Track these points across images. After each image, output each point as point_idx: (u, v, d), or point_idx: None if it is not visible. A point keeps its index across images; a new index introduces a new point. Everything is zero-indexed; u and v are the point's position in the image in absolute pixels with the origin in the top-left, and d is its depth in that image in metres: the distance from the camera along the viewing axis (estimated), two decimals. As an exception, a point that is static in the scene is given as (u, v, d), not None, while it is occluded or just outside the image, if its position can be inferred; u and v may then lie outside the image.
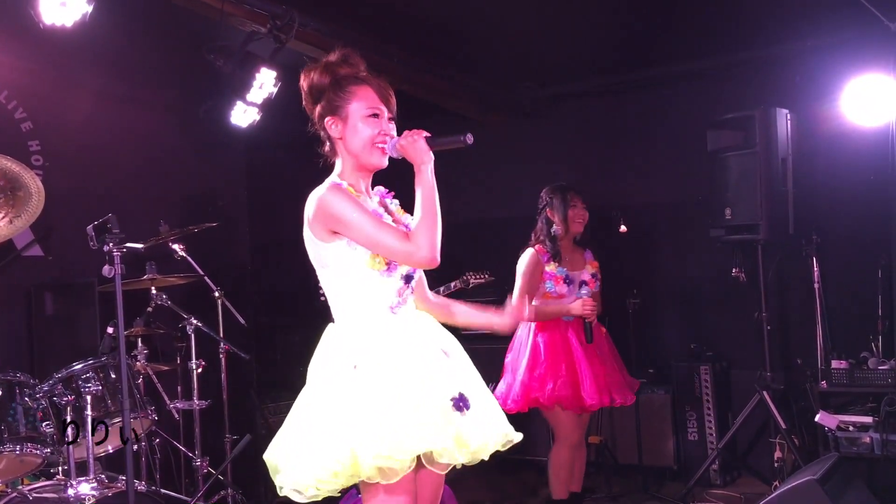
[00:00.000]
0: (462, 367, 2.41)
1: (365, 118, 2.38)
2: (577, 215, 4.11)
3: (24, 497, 3.35)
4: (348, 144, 2.40)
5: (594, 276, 4.14)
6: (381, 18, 4.80)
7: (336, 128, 2.41)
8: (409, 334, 2.35)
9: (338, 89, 2.41)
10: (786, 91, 5.02)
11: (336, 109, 2.40)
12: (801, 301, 4.90)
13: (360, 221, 2.28)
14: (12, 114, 5.26)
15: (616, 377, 4.06)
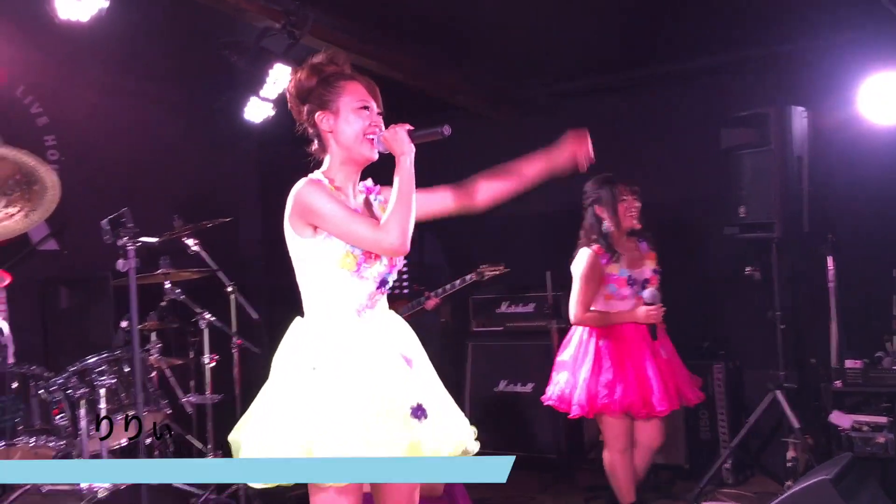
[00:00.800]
0: (423, 374, 2.44)
1: (356, 110, 2.42)
2: (629, 209, 3.93)
3: (37, 489, 3.38)
4: (339, 137, 2.43)
5: (655, 270, 3.98)
6: (394, 14, 4.80)
7: (327, 121, 2.43)
8: (372, 339, 2.37)
9: (327, 85, 2.45)
10: (801, 88, 4.98)
11: (326, 104, 2.44)
12: (816, 300, 4.86)
13: (332, 211, 2.33)
14: (28, 108, 5.29)
15: (683, 375, 3.94)
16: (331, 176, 2.45)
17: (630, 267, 3.94)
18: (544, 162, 2.72)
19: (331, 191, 2.37)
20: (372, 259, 2.40)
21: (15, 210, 3.19)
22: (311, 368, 2.29)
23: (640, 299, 3.88)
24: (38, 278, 5.20)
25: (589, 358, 3.91)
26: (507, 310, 5.88)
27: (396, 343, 2.43)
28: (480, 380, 5.83)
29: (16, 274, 4.23)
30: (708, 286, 5.36)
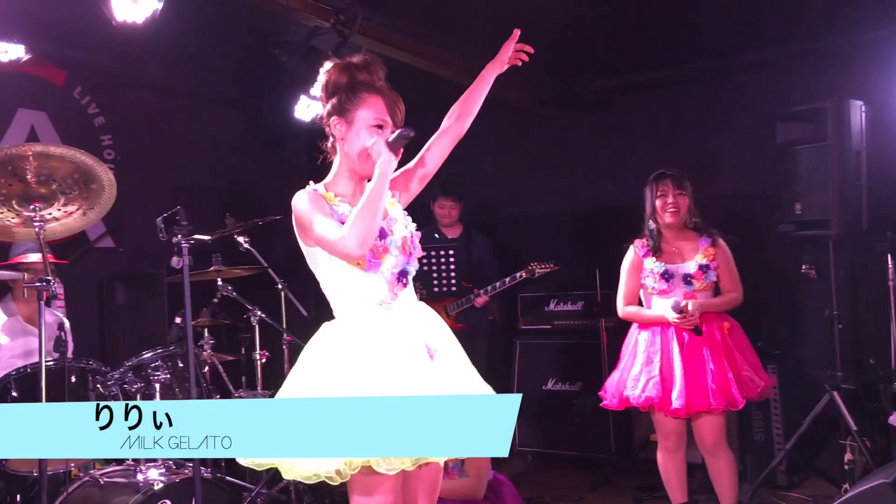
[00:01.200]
0: (448, 366, 2.41)
1: (369, 127, 2.43)
2: (666, 206, 3.87)
3: (95, 481, 3.47)
4: (346, 147, 2.46)
5: (704, 266, 3.84)
6: (443, 11, 4.80)
7: (340, 128, 2.46)
8: (391, 330, 2.38)
9: (350, 92, 2.45)
10: (860, 82, 4.85)
11: (344, 111, 2.45)
12: (875, 299, 4.73)
13: (309, 220, 2.36)
14: (85, 109, 5.43)
15: (737, 374, 3.72)
16: (334, 185, 2.49)
17: (670, 261, 3.88)
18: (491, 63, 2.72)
19: (318, 201, 2.40)
20: (380, 253, 2.41)
21: (73, 208, 3.25)
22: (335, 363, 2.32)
23: (688, 294, 3.81)
24: (95, 275, 5.33)
25: (629, 351, 3.93)
26: (555, 308, 5.85)
27: (420, 334, 2.42)
28: (528, 378, 5.81)
29: (73, 271, 4.34)
30: (763, 285, 5.25)
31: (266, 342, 4.58)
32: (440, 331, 2.49)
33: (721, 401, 3.67)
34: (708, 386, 3.68)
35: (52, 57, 5.10)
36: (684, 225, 3.92)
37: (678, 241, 3.92)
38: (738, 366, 3.76)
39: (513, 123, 6.38)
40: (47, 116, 5.19)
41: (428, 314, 2.52)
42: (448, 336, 2.50)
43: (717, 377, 3.69)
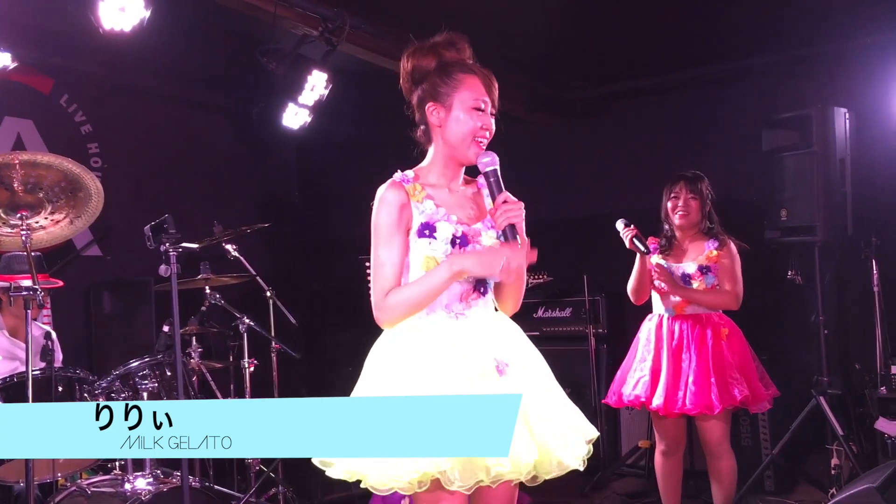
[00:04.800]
0: (519, 382, 2.22)
1: (469, 110, 2.28)
2: (677, 208, 3.86)
3: (82, 491, 3.44)
4: (447, 134, 2.30)
5: (704, 268, 3.82)
6: (431, 19, 4.80)
7: (437, 115, 2.29)
8: (459, 342, 2.22)
9: (444, 75, 2.30)
10: (844, 89, 4.90)
11: (440, 96, 2.29)
12: (860, 304, 4.77)
13: (375, 242, 2.24)
14: (72, 117, 5.41)
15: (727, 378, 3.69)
16: (427, 172, 2.33)
17: (675, 261, 3.88)
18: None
19: (392, 206, 2.23)
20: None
21: (60, 217, 3.24)
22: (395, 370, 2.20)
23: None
24: (82, 284, 5.31)
25: (632, 348, 3.96)
26: (544, 314, 5.86)
27: (490, 347, 2.25)
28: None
29: (61, 279, 4.32)
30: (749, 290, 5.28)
31: (254, 350, 4.57)
32: (516, 346, 2.32)
33: (698, 404, 3.64)
34: (688, 388, 3.68)
35: (39, 65, 5.09)
36: (698, 229, 3.89)
37: (689, 243, 3.91)
38: (724, 372, 3.71)
39: (502, 130, 6.38)
40: (34, 124, 5.17)
41: (505, 327, 2.36)
42: (527, 352, 2.34)
43: (697, 380, 3.68)
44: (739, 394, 3.68)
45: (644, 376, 3.80)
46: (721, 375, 3.70)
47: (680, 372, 3.73)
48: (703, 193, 3.87)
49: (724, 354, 3.75)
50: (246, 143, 6.33)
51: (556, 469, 2.18)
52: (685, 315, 3.82)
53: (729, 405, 3.68)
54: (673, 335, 3.80)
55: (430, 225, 2.25)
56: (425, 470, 2.02)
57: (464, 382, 2.14)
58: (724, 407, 3.64)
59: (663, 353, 3.79)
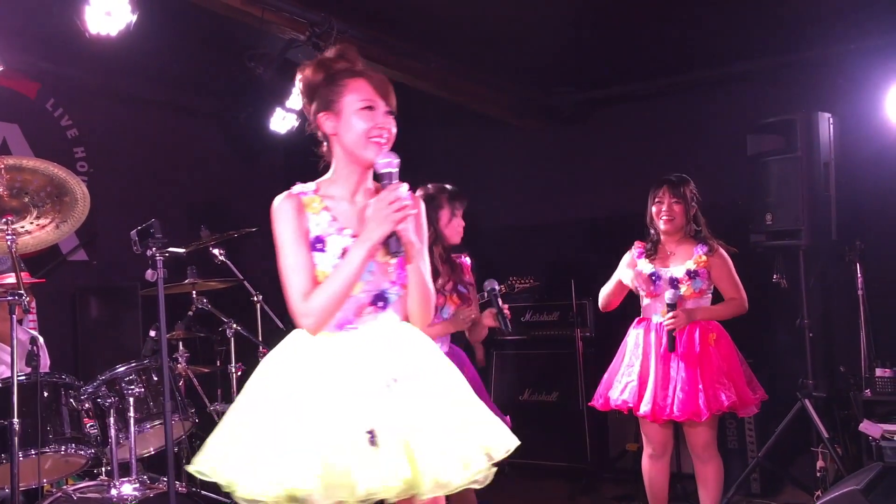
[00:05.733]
0: (405, 399, 2.15)
1: (359, 111, 2.25)
2: (661, 212, 3.84)
3: (68, 497, 3.42)
4: (343, 140, 2.28)
5: (692, 272, 3.78)
6: (420, 24, 4.83)
7: (330, 123, 2.29)
8: (345, 357, 2.19)
9: (331, 83, 2.29)
10: (828, 95, 4.94)
11: (329, 104, 2.28)
12: (845, 308, 4.80)
13: (282, 249, 2.24)
14: (58, 121, 5.39)
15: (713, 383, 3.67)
16: (330, 184, 2.32)
17: (662, 265, 3.86)
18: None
19: (289, 215, 2.25)
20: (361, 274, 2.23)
21: (46, 221, 3.23)
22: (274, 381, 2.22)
23: (682, 298, 3.77)
24: (68, 289, 5.28)
25: (620, 351, 3.95)
26: (531, 318, 5.87)
27: (379, 361, 2.19)
28: (505, 388, 5.82)
29: (46, 284, 4.30)
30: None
31: (241, 355, 4.56)
32: (412, 359, 2.25)
33: (686, 411, 3.63)
34: (676, 395, 3.67)
35: (24, 69, 5.06)
36: (685, 233, 3.88)
37: (676, 247, 3.88)
38: (712, 378, 3.70)
39: (489, 135, 6.42)
40: (20, 129, 5.15)
41: (404, 339, 2.30)
42: (426, 365, 2.27)
43: (685, 387, 3.67)
44: (727, 399, 3.67)
45: (632, 381, 3.80)
46: (709, 381, 3.69)
47: (668, 378, 3.72)
48: (686, 197, 3.85)
49: (712, 360, 3.74)
50: (233, 148, 6.32)
51: (436, 488, 2.08)
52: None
53: (716, 411, 3.68)
54: (661, 340, 3.79)
55: (321, 238, 2.25)
56: (292, 486, 2.02)
57: (343, 397, 2.11)
58: (711, 413, 3.64)
59: (651, 358, 3.79)
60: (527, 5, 4.59)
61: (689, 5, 4.62)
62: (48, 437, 3.39)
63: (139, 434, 3.62)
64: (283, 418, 2.12)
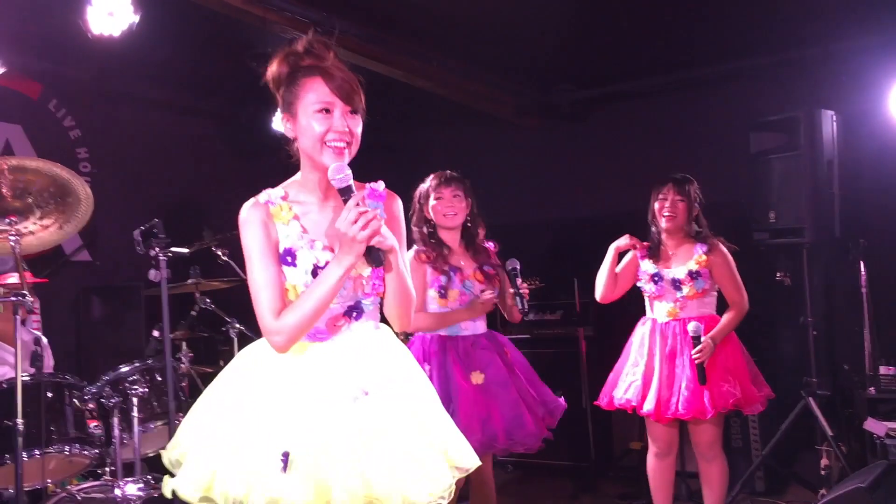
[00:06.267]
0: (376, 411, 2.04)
1: (313, 114, 2.09)
2: (663, 209, 3.81)
3: (72, 497, 3.42)
4: (301, 144, 2.14)
5: (694, 273, 3.76)
6: (420, 23, 4.83)
7: (289, 126, 2.16)
8: (309, 369, 2.09)
9: (290, 83, 2.14)
10: (831, 92, 4.93)
11: (288, 106, 2.14)
12: (848, 306, 4.80)
13: (250, 265, 2.11)
14: (61, 122, 5.39)
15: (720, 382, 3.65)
16: (297, 190, 2.18)
17: (665, 265, 3.85)
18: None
19: (256, 226, 2.11)
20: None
21: (49, 222, 3.24)
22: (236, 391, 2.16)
23: (679, 300, 3.78)
24: (71, 289, 5.28)
25: (625, 351, 3.95)
26: (534, 317, 5.86)
27: (350, 373, 2.08)
28: (508, 387, 5.81)
29: (49, 285, 4.30)
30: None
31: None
32: (385, 370, 2.12)
33: (690, 409, 3.62)
34: (680, 393, 3.66)
35: (27, 70, 5.06)
36: (685, 232, 3.86)
37: (677, 247, 3.87)
38: (717, 376, 3.69)
39: (490, 134, 6.42)
40: (22, 129, 5.15)
41: (378, 349, 2.17)
42: (399, 376, 2.14)
43: (690, 385, 3.66)
44: (731, 397, 3.67)
45: (636, 380, 3.79)
46: (713, 379, 3.68)
47: (674, 377, 3.71)
48: (690, 196, 3.84)
49: (716, 358, 3.72)
50: (235, 148, 6.32)
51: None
52: (678, 319, 3.80)
53: (721, 408, 3.67)
54: (666, 340, 3.78)
55: (291, 252, 2.11)
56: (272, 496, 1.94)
57: (309, 409, 2.02)
58: (716, 411, 3.63)
59: (656, 357, 3.78)
60: (527, 3, 4.58)
61: (690, 2, 4.61)
62: (52, 437, 3.40)
63: (143, 434, 3.63)
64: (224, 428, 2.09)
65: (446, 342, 3.48)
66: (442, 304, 3.50)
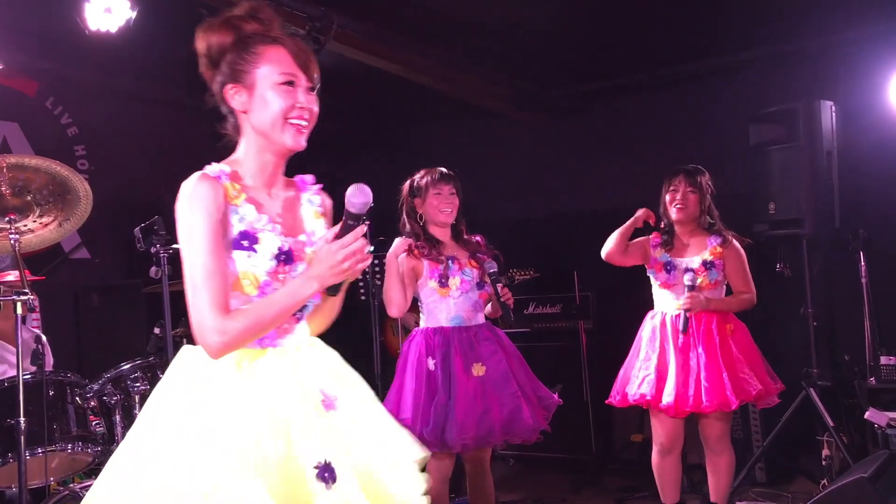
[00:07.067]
0: (349, 419, 1.88)
1: (276, 86, 1.87)
2: (675, 200, 3.79)
3: (75, 495, 3.43)
4: (255, 119, 1.92)
5: (708, 263, 3.74)
6: (418, 18, 4.82)
7: (239, 98, 1.92)
8: (279, 378, 1.83)
9: (242, 50, 1.90)
10: (830, 83, 4.93)
11: (239, 75, 1.90)
12: (848, 296, 4.81)
13: (194, 248, 1.80)
14: (58, 119, 5.38)
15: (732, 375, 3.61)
16: (240, 168, 1.96)
17: (678, 255, 3.83)
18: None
19: (205, 202, 1.83)
20: (282, 279, 1.87)
21: (49, 220, 3.23)
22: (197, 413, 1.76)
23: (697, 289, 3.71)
24: (71, 287, 5.28)
25: (634, 347, 3.90)
26: (534, 311, 5.86)
27: (312, 379, 1.88)
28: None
29: (49, 283, 4.29)
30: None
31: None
32: (340, 376, 1.96)
33: (714, 401, 3.58)
34: (701, 385, 3.61)
35: (23, 67, 5.05)
36: (698, 223, 3.83)
37: (690, 238, 3.84)
38: (735, 367, 3.66)
39: (489, 129, 6.41)
40: (19, 127, 5.14)
41: (324, 354, 1.98)
42: (352, 380, 1.98)
43: (710, 377, 3.61)
44: (753, 389, 3.63)
45: (649, 375, 3.73)
46: (732, 371, 3.64)
47: (689, 370, 3.67)
48: (702, 187, 3.82)
49: (731, 350, 3.70)
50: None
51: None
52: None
53: (744, 400, 3.65)
54: (678, 332, 3.72)
55: (250, 234, 1.86)
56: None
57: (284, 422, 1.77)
58: (740, 402, 3.60)
59: (669, 351, 3.72)
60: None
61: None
62: (54, 435, 3.40)
63: (145, 431, 3.63)
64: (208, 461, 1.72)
65: (449, 334, 3.48)
66: (443, 293, 3.50)
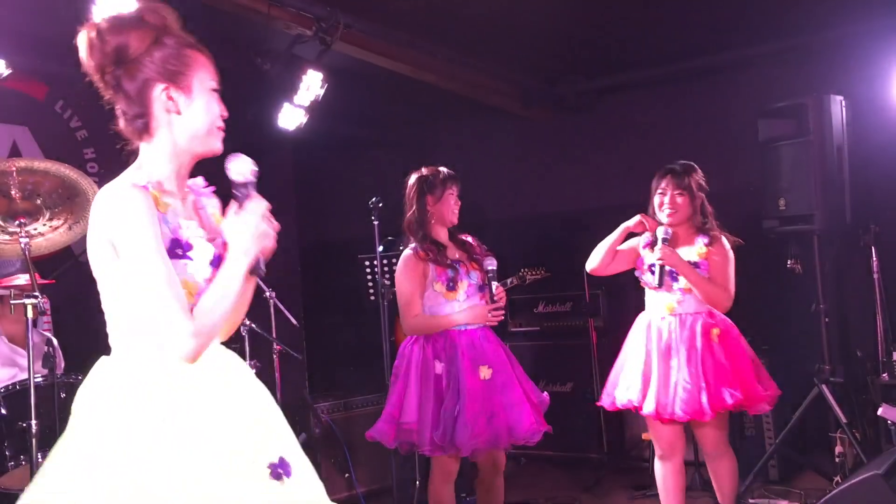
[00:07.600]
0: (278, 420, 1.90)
1: (210, 92, 1.93)
2: (663, 204, 3.66)
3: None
4: (187, 123, 1.90)
5: (693, 263, 3.61)
6: (425, 16, 4.81)
7: (180, 99, 1.89)
8: (217, 383, 1.82)
9: (176, 51, 1.88)
10: (839, 77, 4.89)
11: (176, 77, 1.87)
12: (860, 292, 4.78)
13: (147, 260, 1.75)
14: (68, 122, 5.39)
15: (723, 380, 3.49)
16: (156, 176, 1.92)
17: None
18: None
19: (145, 211, 1.78)
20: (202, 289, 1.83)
21: (59, 223, 3.24)
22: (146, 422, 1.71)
23: (684, 290, 3.64)
24: (80, 290, 5.28)
25: (623, 351, 3.83)
26: (544, 309, 5.86)
27: (242, 386, 1.91)
28: (520, 380, 5.81)
29: (58, 286, 4.30)
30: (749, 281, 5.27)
31: (256, 352, 4.57)
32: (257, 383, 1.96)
33: (688, 411, 3.46)
34: (677, 394, 3.50)
35: (32, 71, 5.07)
36: (691, 223, 3.71)
37: (683, 238, 3.72)
38: (716, 375, 3.51)
39: (497, 126, 6.40)
40: (29, 131, 5.15)
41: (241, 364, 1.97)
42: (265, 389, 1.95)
43: (686, 385, 3.49)
44: (731, 398, 3.47)
45: (634, 380, 3.65)
46: (711, 379, 3.51)
47: (669, 377, 3.57)
48: (691, 189, 3.67)
49: (714, 357, 3.56)
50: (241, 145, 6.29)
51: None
52: (676, 314, 3.65)
53: (720, 410, 3.50)
54: (661, 337, 3.64)
55: (182, 243, 1.85)
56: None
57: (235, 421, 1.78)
58: (715, 412, 3.47)
59: (653, 355, 3.63)
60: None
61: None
62: (66, 437, 3.39)
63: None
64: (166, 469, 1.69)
65: (455, 337, 3.47)
66: (450, 296, 3.51)
